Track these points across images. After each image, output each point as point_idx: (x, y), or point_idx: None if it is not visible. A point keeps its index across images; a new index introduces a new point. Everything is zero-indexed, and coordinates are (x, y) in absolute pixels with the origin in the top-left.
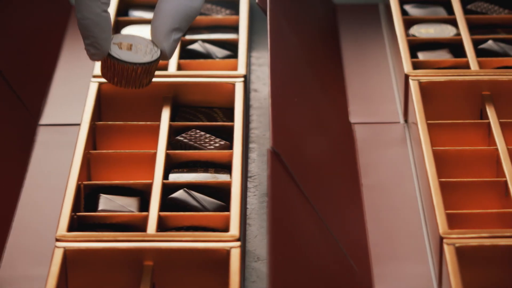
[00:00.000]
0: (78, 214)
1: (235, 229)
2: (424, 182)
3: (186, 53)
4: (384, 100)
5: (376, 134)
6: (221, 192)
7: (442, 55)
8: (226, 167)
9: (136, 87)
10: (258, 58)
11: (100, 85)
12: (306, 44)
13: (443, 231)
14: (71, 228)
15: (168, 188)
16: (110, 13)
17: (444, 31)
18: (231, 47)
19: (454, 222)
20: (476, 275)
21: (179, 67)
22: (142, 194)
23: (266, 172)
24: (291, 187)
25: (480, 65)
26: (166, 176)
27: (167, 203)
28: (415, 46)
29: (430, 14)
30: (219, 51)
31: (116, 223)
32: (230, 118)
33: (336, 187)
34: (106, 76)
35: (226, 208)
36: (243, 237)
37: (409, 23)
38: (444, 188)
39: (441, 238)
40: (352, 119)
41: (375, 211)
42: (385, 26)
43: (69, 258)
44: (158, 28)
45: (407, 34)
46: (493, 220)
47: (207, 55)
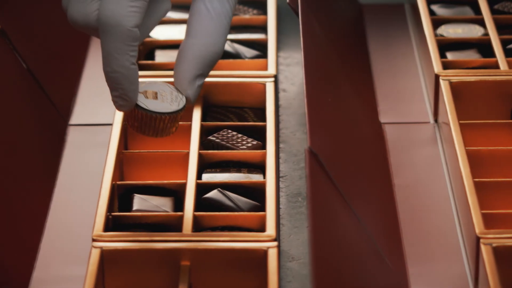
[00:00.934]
0: (113, 214)
1: (271, 229)
2: (457, 182)
3: None
4: (413, 100)
5: (406, 134)
6: (254, 192)
7: (471, 55)
8: (258, 167)
9: (163, 136)
10: (286, 58)
11: None
12: (335, 44)
13: (479, 231)
14: (106, 228)
15: (201, 188)
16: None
17: (472, 31)
18: (259, 47)
19: (489, 222)
20: None
21: None
22: (175, 194)
23: (296, 172)
24: (329, 187)
25: (509, 65)
26: (198, 176)
27: (201, 203)
28: (443, 46)
29: (457, 14)
30: (247, 51)
31: (150, 223)
32: (260, 118)
33: (370, 187)
34: (132, 125)
35: (260, 208)
36: (277, 237)
37: (436, 23)
38: (478, 188)
39: (477, 238)
40: (382, 119)
41: (408, 211)
42: (411, 26)
43: (106, 258)
44: (182, 75)
45: (435, 34)
46: None
47: (236, 55)
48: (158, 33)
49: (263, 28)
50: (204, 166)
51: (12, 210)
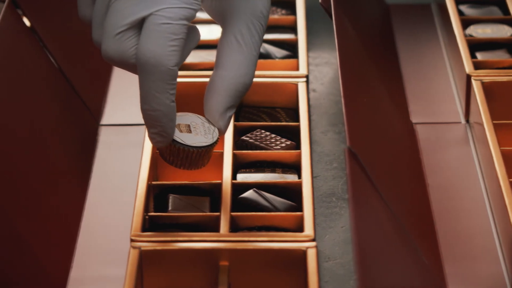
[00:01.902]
0: (149, 214)
1: (309, 229)
2: (492, 182)
3: None
4: (444, 100)
5: (438, 134)
6: (288, 192)
7: (501, 55)
8: (292, 167)
9: (198, 168)
10: (315, 58)
11: None
12: (366, 44)
13: None
14: (143, 228)
15: (236, 188)
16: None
17: (501, 31)
18: (289, 47)
19: None
20: None
21: None
22: (210, 194)
23: (329, 172)
24: (368, 186)
25: None
26: (233, 176)
27: (237, 203)
28: (472, 46)
29: (486, 14)
30: (277, 51)
31: (187, 223)
32: (292, 118)
33: (404, 187)
34: (167, 159)
35: (296, 208)
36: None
37: (465, 23)
38: None
39: None
40: (413, 119)
41: (443, 211)
42: (439, 26)
43: (145, 258)
44: (213, 108)
45: (464, 34)
46: None
47: (266, 55)
48: None
49: (291, 28)
50: (238, 166)
51: (47, 210)
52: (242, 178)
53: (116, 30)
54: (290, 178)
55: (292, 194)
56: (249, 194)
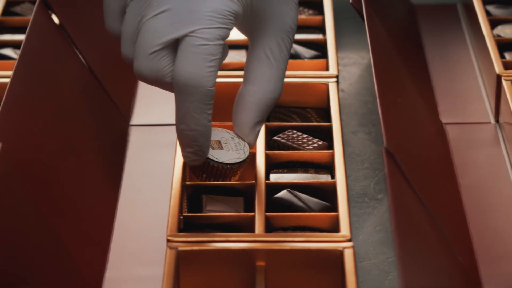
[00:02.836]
0: (184, 214)
1: (345, 229)
2: None
3: None
4: (472, 100)
5: (468, 134)
6: (321, 192)
7: None
8: (325, 167)
9: (229, 181)
10: (342, 58)
11: None
12: (396, 44)
13: None
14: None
15: (270, 188)
16: None
17: None
18: (317, 47)
19: None
20: None
21: None
22: (244, 194)
23: (360, 173)
24: (405, 186)
25: None
26: (266, 176)
27: (271, 203)
28: (500, 46)
29: None
30: (306, 51)
31: (222, 223)
32: (323, 118)
33: (439, 187)
34: (200, 176)
35: (331, 208)
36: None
37: (493, 23)
38: None
39: None
40: (443, 119)
41: (476, 211)
42: (465, 26)
43: (181, 258)
44: (243, 122)
45: (492, 34)
46: None
47: (295, 56)
48: None
49: (319, 28)
50: (270, 166)
51: (80, 211)
52: (275, 178)
53: (150, 49)
54: (323, 178)
55: (326, 194)
56: (283, 194)
